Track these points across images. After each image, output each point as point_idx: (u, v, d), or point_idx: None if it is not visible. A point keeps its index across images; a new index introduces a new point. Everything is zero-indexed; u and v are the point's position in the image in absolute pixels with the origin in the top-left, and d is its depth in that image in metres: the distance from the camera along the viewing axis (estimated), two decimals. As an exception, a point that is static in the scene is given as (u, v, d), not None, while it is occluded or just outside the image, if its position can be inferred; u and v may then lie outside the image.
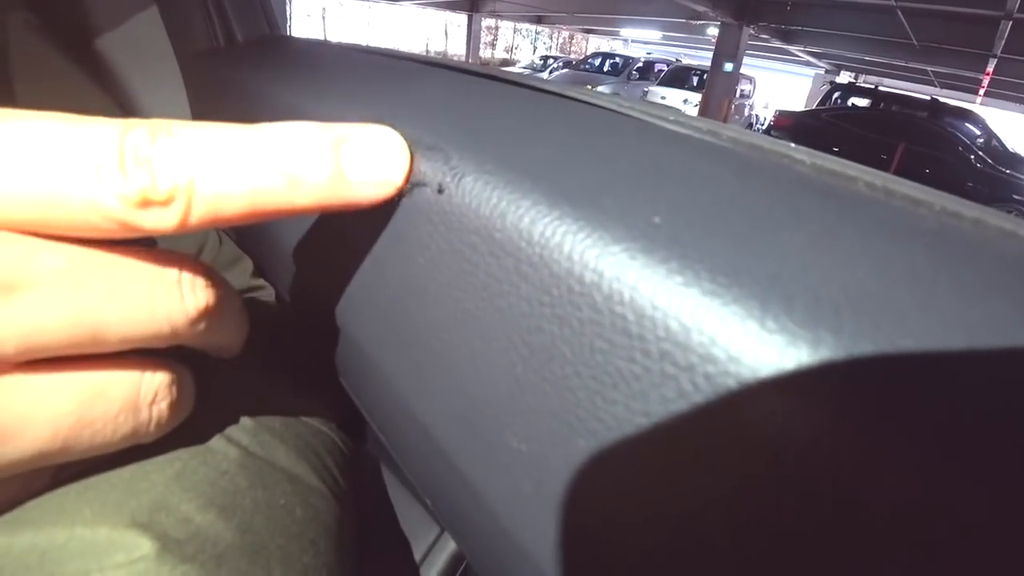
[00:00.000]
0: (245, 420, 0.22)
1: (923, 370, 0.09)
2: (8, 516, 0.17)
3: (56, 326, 0.12)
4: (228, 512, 0.19)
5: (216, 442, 0.21)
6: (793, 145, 0.19)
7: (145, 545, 0.17)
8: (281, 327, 0.32)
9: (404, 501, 0.37)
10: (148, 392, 0.15)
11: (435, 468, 0.20)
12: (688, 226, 0.13)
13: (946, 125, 6.71)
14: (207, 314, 0.15)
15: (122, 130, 0.12)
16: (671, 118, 0.21)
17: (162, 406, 0.16)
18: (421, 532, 0.36)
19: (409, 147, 0.17)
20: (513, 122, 0.21)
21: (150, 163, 0.12)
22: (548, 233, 0.14)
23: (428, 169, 0.18)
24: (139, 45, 0.47)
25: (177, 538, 0.17)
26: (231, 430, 0.22)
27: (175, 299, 0.14)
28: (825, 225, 0.13)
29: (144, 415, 0.15)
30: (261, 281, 0.39)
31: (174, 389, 0.16)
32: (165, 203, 0.12)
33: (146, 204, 0.12)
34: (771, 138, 0.19)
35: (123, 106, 0.45)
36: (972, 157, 6.14)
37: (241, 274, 0.39)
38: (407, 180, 0.17)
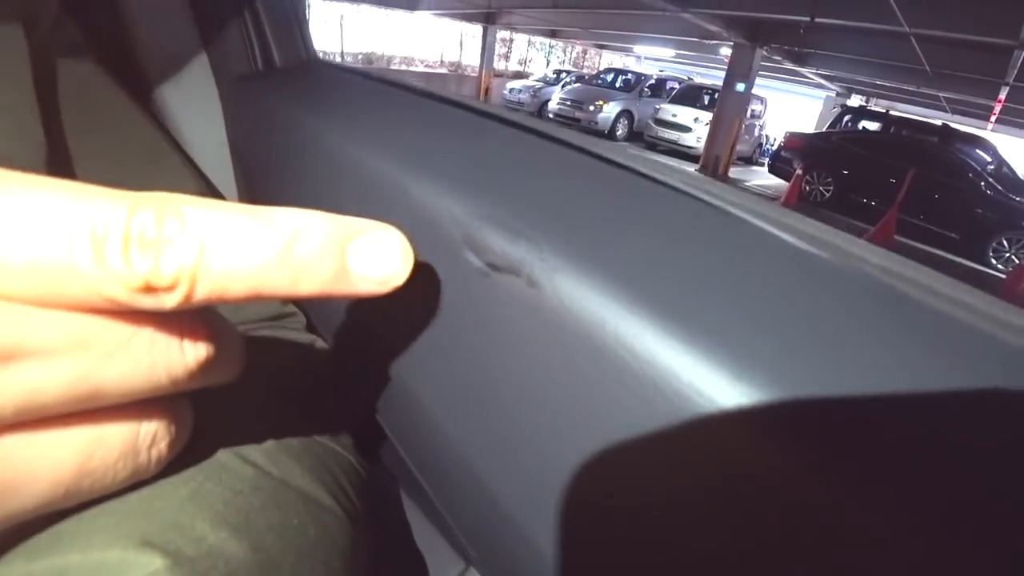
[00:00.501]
0: (261, 440, 0.23)
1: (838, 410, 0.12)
2: (27, 544, 0.18)
3: (55, 390, 0.12)
4: (241, 531, 0.19)
5: (231, 462, 0.21)
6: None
7: (157, 562, 0.17)
8: (307, 354, 0.33)
9: (427, 533, 0.37)
10: (147, 436, 0.15)
11: (488, 519, 0.20)
12: (793, 357, 0.13)
13: (957, 151, 6.68)
14: (207, 364, 0.15)
15: (129, 210, 0.12)
16: (736, 200, 0.22)
17: (161, 446, 0.16)
18: (445, 565, 0.36)
19: (411, 246, 0.17)
20: (591, 201, 0.21)
21: (156, 248, 0.12)
22: (655, 350, 0.14)
23: (517, 257, 0.18)
24: (180, 69, 0.49)
25: (190, 555, 0.18)
26: (246, 450, 0.22)
27: (175, 355, 0.14)
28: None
29: (143, 458, 0.16)
30: (291, 307, 0.41)
31: (172, 428, 0.16)
32: (167, 289, 0.12)
33: (148, 290, 0.12)
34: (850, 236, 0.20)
35: (163, 129, 0.47)
36: (982, 184, 6.12)
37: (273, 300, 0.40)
38: (410, 276, 0.17)
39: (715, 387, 0.13)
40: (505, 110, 0.34)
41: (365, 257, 0.15)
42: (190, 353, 0.14)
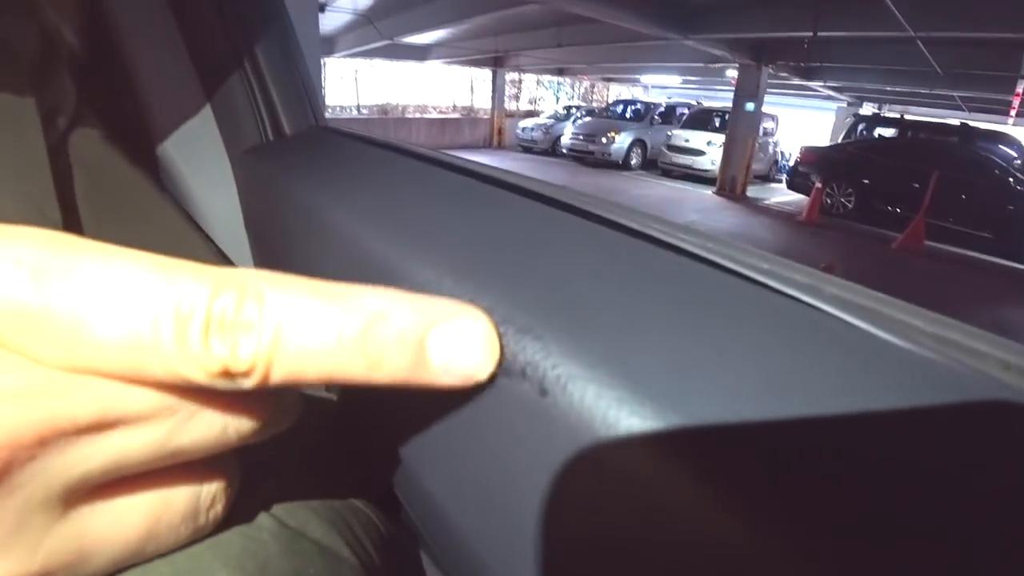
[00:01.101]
0: (280, 492, 0.23)
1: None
2: None
3: (138, 454, 0.13)
4: None
5: (252, 511, 0.22)
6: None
7: None
8: (327, 412, 0.33)
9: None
10: (207, 498, 0.16)
11: None
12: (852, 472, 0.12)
13: (979, 149, 6.58)
14: (272, 420, 0.16)
15: (212, 292, 0.12)
16: (765, 267, 0.20)
17: (218, 507, 0.16)
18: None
19: (499, 336, 0.16)
20: (601, 286, 0.20)
21: (234, 334, 0.12)
22: (684, 479, 0.13)
23: (524, 359, 0.16)
24: (193, 144, 0.51)
25: None
26: (268, 501, 0.23)
27: (245, 417, 0.15)
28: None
29: (202, 520, 0.16)
30: None
31: (229, 488, 0.17)
32: (244, 375, 0.12)
33: (225, 375, 0.12)
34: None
35: (181, 209, 0.47)
36: (1011, 179, 5.99)
37: None
38: (496, 368, 0.16)
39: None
40: (510, 173, 0.33)
41: (447, 348, 0.15)
42: (258, 413, 0.15)
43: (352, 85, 12.98)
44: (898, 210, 6.52)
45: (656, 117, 11.05)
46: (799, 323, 0.17)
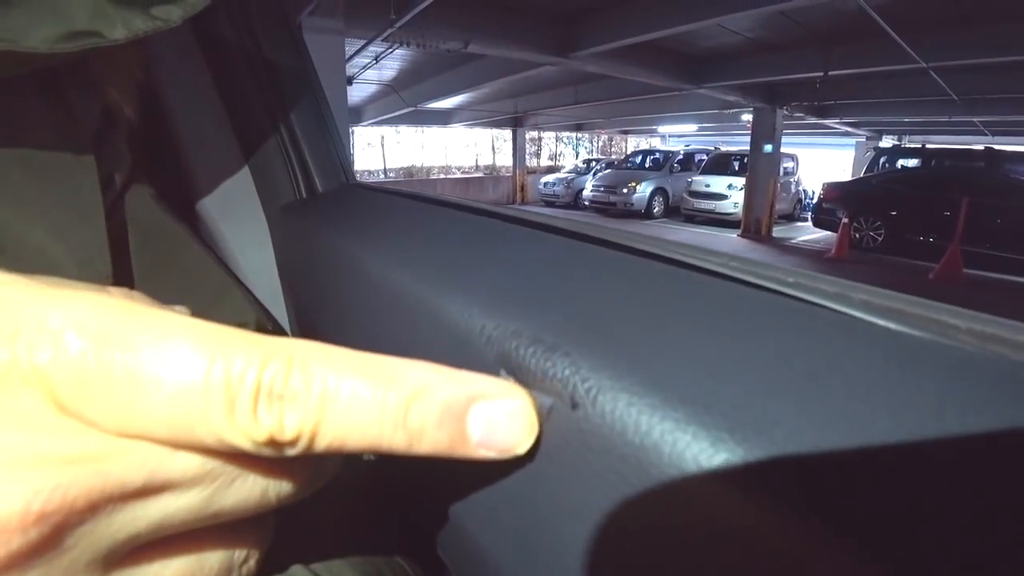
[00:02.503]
0: (324, 551, 0.24)
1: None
2: None
3: (182, 516, 0.14)
4: None
5: (297, 571, 0.22)
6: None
7: None
8: (370, 473, 0.33)
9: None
10: (241, 555, 0.16)
11: None
12: (880, 467, 0.12)
13: (1008, 172, 6.47)
14: (311, 480, 0.16)
15: (261, 362, 0.13)
16: (791, 280, 0.20)
17: (251, 563, 0.17)
18: None
19: (539, 414, 0.16)
20: (627, 305, 0.20)
21: (281, 405, 0.13)
22: (719, 476, 0.13)
23: (554, 374, 0.17)
24: (231, 201, 0.54)
25: None
26: (308, 559, 0.23)
27: (285, 480, 0.15)
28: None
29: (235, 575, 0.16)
30: None
31: (262, 544, 0.17)
32: (289, 444, 0.13)
33: (271, 444, 0.13)
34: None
35: (223, 264, 0.49)
36: (1045, 200, 5.86)
37: None
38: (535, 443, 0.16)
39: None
40: (532, 213, 0.34)
41: (486, 425, 0.15)
42: (300, 478, 0.15)
43: (379, 151, 13.50)
44: (931, 240, 6.38)
45: (675, 165, 11.18)
46: (823, 327, 0.17)
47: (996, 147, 7.51)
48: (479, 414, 0.15)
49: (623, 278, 0.23)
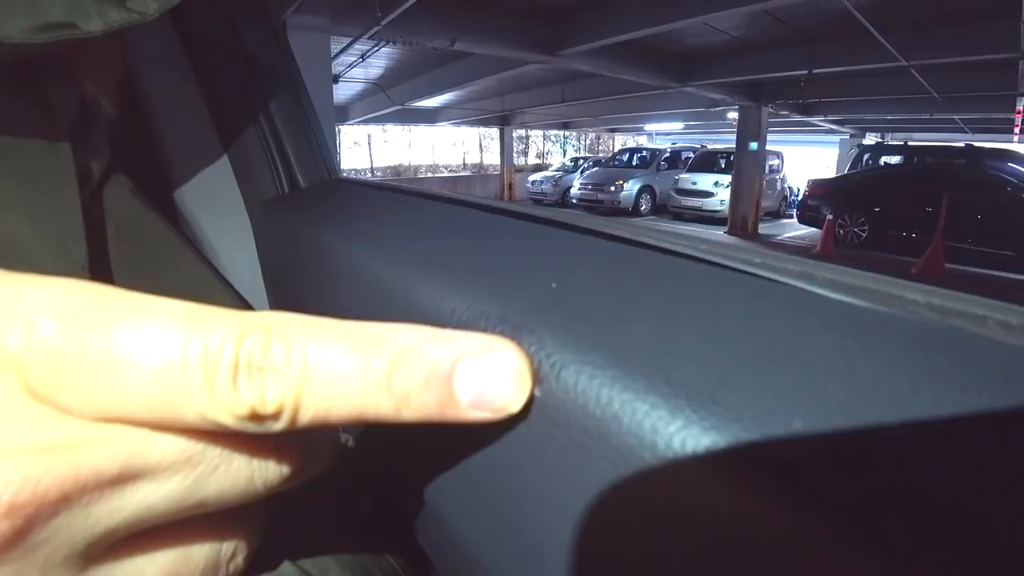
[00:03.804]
0: (312, 548, 0.23)
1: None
2: None
3: (164, 506, 0.13)
4: None
5: (286, 570, 0.21)
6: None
7: None
8: (351, 469, 0.33)
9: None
10: (228, 550, 0.16)
11: None
12: (836, 433, 0.12)
13: (988, 168, 6.57)
14: (302, 468, 0.15)
15: (239, 335, 0.12)
16: (757, 260, 0.20)
17: (239, 559, 0.16)
18: None
19: (531, 366, 0.16)
20: (594, 286, 0.20)
21: (261, 376, 0.12)
22: (676, 445, 0.13)
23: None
24: (213, 197, 0.53)
25: None
26: (294, 552, 0.22)
27: (273, 466, 0.14)
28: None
29: (222, 572, 0.16)
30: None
31: (251, 539, 0.16)
32: (272, 417, 0.13)
33: (254, 418, 0.12)
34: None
35: (205, 259, 0.48)
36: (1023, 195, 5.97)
37: None
38: (530, 398, 0.16)
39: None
40: (512, 204, 0.35)
41: (476, 383, 0.14)
42: (286, 461, 0.15)
43: (365, 150, 13.44)
44: (913, 235, 6.47)
45: (662, 163, 11.25)
46: (787, 303, 0.17)
47: (976, 144, 7.63)
48: (467, 372, 0.14)
49: (591, 261, 0.23)
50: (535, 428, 0.16)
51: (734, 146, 9.23)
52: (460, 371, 0.14)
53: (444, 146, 15.08)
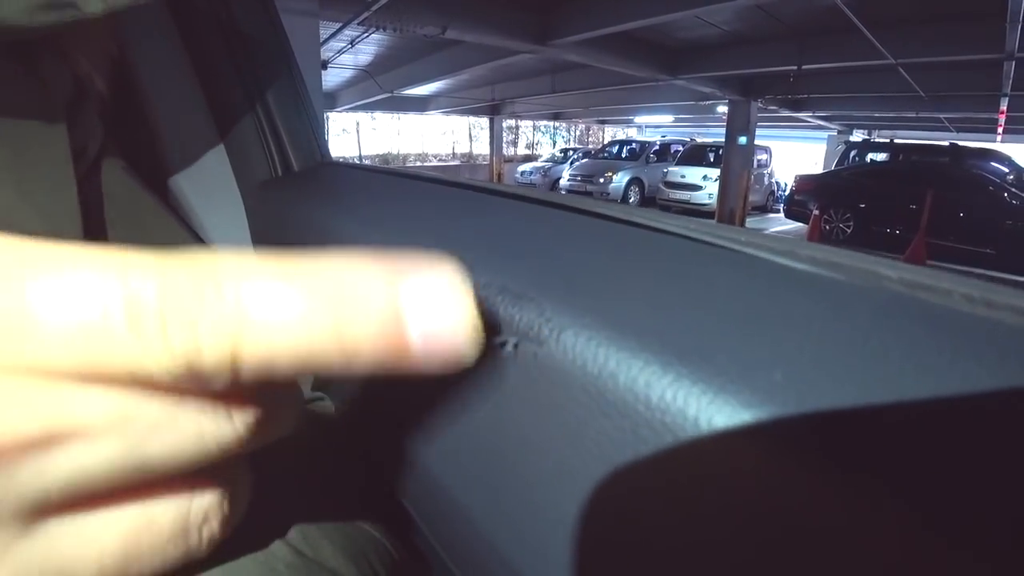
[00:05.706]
0: (297, 520, 0.23)
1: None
2: None
3: (100, 469, 0.12)
4: None
5: (267, 539, 0.21)
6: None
7: None
8: (338, 439, 0.33)
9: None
10: (198, 514, 0.14)
11: None
12: (812, 385, 0.13)
13: (971, 167, 6.66)
14: (260, 426, 0.14)
15: (165, 276, 0.11)
16: (743, 239, 0.21)
17: (213, 524, 0.15)
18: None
19: (484, 297, 0.16)
20: (589, 260, 0.21)
21: (193, 320, 0.11)
22: (668, 397, 0.13)
23: (522, 321, 0.17)
24: (206, 177, 0.53)
25: None
26: (283, 529, 0.22)
27: (224, 423, 0.13)
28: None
29: (194, 538, 0.15)
30: (320, 394, 0.41)
31: (226, 504, 0.15)
32: (211, 370, 0.11)
33: (189, 370, 0.11)
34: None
35: (193, 233, 0.49)
36: (1005, 195, 6.04)
37: (303, 384, 0.39)
38: (493, 335, 0.16)
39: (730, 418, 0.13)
40: (504, 185, 0.35)
41: (420, 303, 0.13)
42: (239, 418, 0.13)
43: (354, 137, 13.33)
44: (898, 232, 6.55)
45: (651, 155, 11.27)
46: (771, 276, 0.19)
47: (960, 143, 7.72)
48: (410, 291, 0.13)
49: (586, 238, 0.24)
50: (535, 387, 0.17)
51: (723, 140, 9.26)
52: (403, 293, 0.13)
53: (433, 135, 15.00)
